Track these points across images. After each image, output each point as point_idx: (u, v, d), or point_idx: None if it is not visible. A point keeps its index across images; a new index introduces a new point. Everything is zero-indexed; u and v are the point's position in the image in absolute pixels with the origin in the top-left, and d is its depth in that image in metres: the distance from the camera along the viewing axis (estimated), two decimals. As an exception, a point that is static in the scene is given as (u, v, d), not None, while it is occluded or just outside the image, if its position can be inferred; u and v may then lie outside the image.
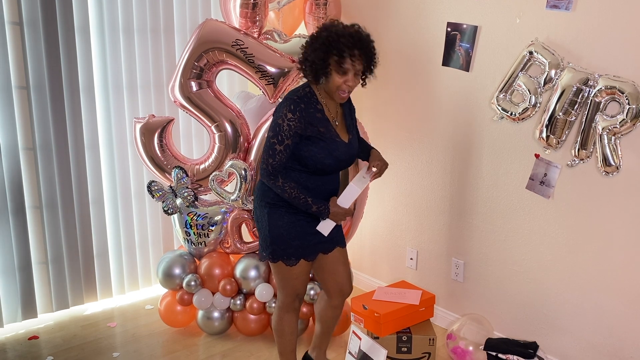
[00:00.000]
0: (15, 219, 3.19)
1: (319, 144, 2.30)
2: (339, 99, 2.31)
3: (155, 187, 3.10)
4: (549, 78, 2.61)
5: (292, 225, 2.39)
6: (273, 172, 2.30)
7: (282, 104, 2.29)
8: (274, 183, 2.31)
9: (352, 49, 2.21)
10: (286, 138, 2.25)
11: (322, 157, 2.31)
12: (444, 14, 3.04)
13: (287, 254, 2.41)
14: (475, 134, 3.02)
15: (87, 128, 3.36)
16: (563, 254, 2.75)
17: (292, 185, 2.31)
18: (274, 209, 2.39)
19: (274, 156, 2.28)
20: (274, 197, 2.38)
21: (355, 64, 2.24)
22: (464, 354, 2.90)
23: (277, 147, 2.26)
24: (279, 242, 2.40)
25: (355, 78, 2.28)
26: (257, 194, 2.47)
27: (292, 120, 2.24)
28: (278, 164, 2.28)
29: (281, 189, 2.31)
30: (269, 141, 2.28)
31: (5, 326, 3.26)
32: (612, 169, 2.48)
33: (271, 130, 2.28)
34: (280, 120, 2.25)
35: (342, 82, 2.25)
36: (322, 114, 2.32)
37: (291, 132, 2.25)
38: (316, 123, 2.29)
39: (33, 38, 3.09)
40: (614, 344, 2.63)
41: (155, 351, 3.10)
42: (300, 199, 2.31)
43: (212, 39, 2.91)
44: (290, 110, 2.25)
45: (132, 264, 3.67)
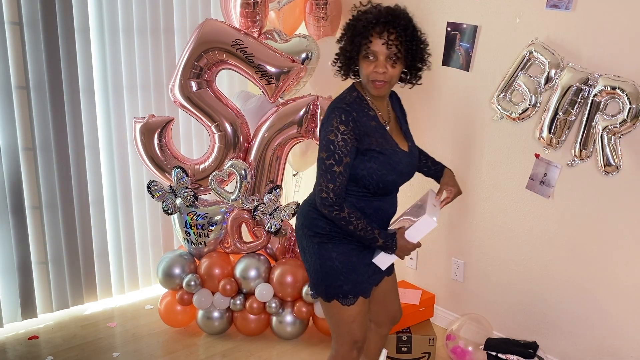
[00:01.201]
0: (15, 219, 3.19)
1: (378, 158, 1.94)
2: (374, 91, 1.94)
3: (155, 187, 3.10)
4: (549, 78, 2.61)
5: (347, 257, 2.03)
6: (336, 200, 1.91)
7: (329, 116, 1.92)
8: (337, 214, 1.92)
9: (377, 25, 1.86)
10: (344, 156, 1.88)
11: (384, 173, 1.96)
12: (444, 14, 3.03)
13: (343, 291, 2.03)
14: (475, 133, 3.02)
15: (87, 128, 3.36)
16: (563, 254, 2.75)
17: (358, 215, 1.93)
18: (325, 239, 2.04)
19: (334, 180, 1.89)
20: (324, 227, 2.03)
21: (384, 44, 1.86)
22: (463, 354, 2.90)
23: (336, 169, 1.89)
24: (334, 278, 2.03)
25: (389, 63, 1.89)
26: (303, 222, 2.11)
27: (346, 133, 1.88)
28: (340, 188, 1.91)
29: (346, 221, 1.93)
30: (324, 163, 1.89)
31: (5, 326, 3.26)
32: (612, 168, 2.48)
33: (323, 149, 1.90)
34: (332, 136, 1.88)
35: (371, 69, 1.89)
36: (376, 121, 1.97)
37: (348, 148, 1.89)
38: (372, 133, 1.94)
39: (33, 38, 3.09)
40: (614, 344, 2.63)
41: (155, 351, 3.10)
42: (367, 232, 1.94)
43: (212, 38, 2.91)
44: (342, 122, 1.88)
45: (132, 264, 3.67)
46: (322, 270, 2.05)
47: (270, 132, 3.04)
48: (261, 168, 3.07)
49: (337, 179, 1.90)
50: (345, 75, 2.02)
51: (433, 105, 3.20)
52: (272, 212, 3.07)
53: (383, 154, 1.95)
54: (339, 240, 2.04)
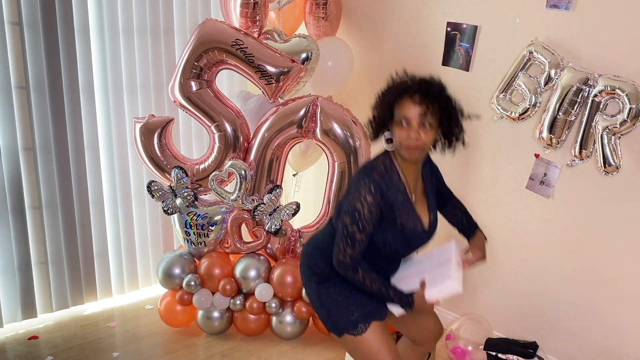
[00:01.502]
0: (15, 219, 3.19)
1: (396, 232, 2.01)
2: (407, 155, 1.97)
3: (155, 187, 3.10)
4: (548, 78, 2.61)
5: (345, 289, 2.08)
6: (352, 263, 1.98)
7: (360, 183, 1.96)
8: (352, 275, 1.99)
9: (413, 93, 1.93)
10: (367, 225, 1.95)
11: (397, 247, 2.05)
12: (444, 14, 3.03)
13: (350, 322, 2.05)
14: (475, 133, 3.02)
15: (87, 128, 3.36)
16: (563, 254, 2.75)
17: (372, 277, 1.99)
18: (323, 279, 2.12)
19: (353, 246, 1.96)
20: (324, 269, 2.11)
21: (418, 110, 1.91)
22: (463, 354, 2.90)
23: (358, 236, 1.95)
24: (337, 311, 2.07)
25: (423, 130, 1.93)
26: (304, 261, 2.20)
27: (372, 204, 1.94)
28: (357, 254, 1.98)
29: (361, 283, 2.00)
30: (347, 229, 1.96)
31: (5, 326, 3.25)
32: (612, 168, 2.48)
33: (348, 215, 1.95)
34: (359, 205, 1.94)
35: (404, 134, 1.93)
36: (403, 194, 2.01)
37: (372, 218, 1.95)
38: (397, 208, 1.99)
39: (33, 38, 3.09)
40: (614, 344, 2.63)
41: (155, 351, 3.10)
42: (383, 293, 2.00)
43: (212, 38, 2.91)
44: (370, 193, 1.94)
45: (132, 264, 3.67)
46: (324, 307, 2.10)
47: (270, 132, 3.04)
48: (261, 168, 3.07)
49: (357, 245, 1.97)
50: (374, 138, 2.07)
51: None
52: (272, 212, 3.07)
53: (403, 231, 2.01)
54: (336, 279, 2.08)
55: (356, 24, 3.51)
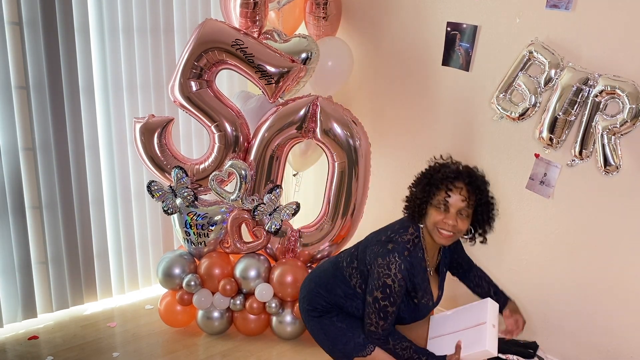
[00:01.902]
0: (15, 219, 3.19)
1: (409, 305, 2.15)
2: (438, 239, 2.08)
3: (155, 187, 3.10)
4: (548, 78, 2.61)
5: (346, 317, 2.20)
6: (384, 335, 2.09)
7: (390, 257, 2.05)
8: (383, 345, 2.10)
9: (454, 181, 2.01)
10: (397, 298, 2.06)
11: (405, 316, 2.18)
12: (444, 14, 3.03)
13: (358, 344, 2.15)
14: (475, 133, 3.02)
15: (87, 128, 3.36)
16: (563, 254, 2.75)
17: (404, 345, 2.09)
18: (323, 314, 2.23)
19: (385, 319, 2.07)
20: (325, 305, 2.23)
21: (458, 199, 2.00)
22: (464, 354, 2.90)
23: (390, 310, 2.06)
24: (342, 338, 2.18)
25: (460, 219, 2.02)
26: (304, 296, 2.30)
27: (402, 280, 2.04)
28: (389, 325, 2.08)
29: (392, 352, 2.10)
30: (378, 302, 2.05)
31: (5, 326, 3.25)
32: (612, 168, 2.48)
33: (379, 290, 2.04)
34: (390, 281, 2.03)
35: (440, 219, 2.03)
36: (424, 272, 2.13)
37: (401, 292, 2.06)
38: (418, 287, 2.11)
39: (33, 38, 3.09)
40: (614, 344, 2.63)
41: (155, 351, 3.10)
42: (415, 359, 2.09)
43: (212, 38, 2.91)
44: (400, 271, 2.03)
45: (132, 264, 3.67)
46: (329, 338, 2.20)
47: (270, 132, 3.04)
48: (261, 168, 3.07)
49: (389, 317, 2.07)
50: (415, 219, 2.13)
51: (433, 105, 3.20)
52: (272, 212, 3.07)
53: (416, 305, 2.14)
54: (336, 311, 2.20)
55: (356, 24, 3.51)
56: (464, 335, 2.10)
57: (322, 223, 3.12)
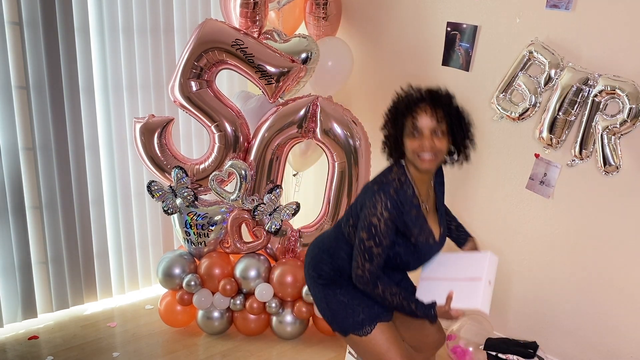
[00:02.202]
0: (15, 219, 3.19)
1: (408, 247, 2.03)
2: (422, 165, 1.98)
3: (155, 187, 3.10)
4: (548, 78, 2.61)
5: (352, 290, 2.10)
6: (371, 278, 1.99)
7: (376, 198, 1.96)
8: (372, 290, 2.01)
9: (418, 104, 1.95)
10: (384, 238, 1.96)
11: (408, 261, 2.06)
12: (444, 14, 3.03)
13: (356, 323, 2.08)
14: (475, 133, 3.02)
15: (87, 128, 3.36)
16: (563, 254, 2.75)
17: (393, 290, 2.00)
18: (328, 281, 2.14)
19: (371, 260, 1.98)
20: (329, 272, 2.14)
21: (429, 119, 1.94)
22: (463, 354, 2.90)
23: (375, 250, 1.97)
24: (343, 312, 2.11)
25: (436, 138, 1.95)
26: (309, 262, 2.22)
27: (388, 219, 1.94)
28: (376, 267, 1.99)
29: (381, 297, 2.01)
30: (364, 243, 1.97)
31: (5, 326, 3.26)
32: (612, 168, 2.48)
33: (365, 230, 1.97)
34: (375, 220, 1.94)
35: (417, 144, 1.95)
36: (417, 209, 2.02)
37: (388, 232, 1.96)
38: (411, 224, 2.00)
39: (33, 38, 3.09)
40: (614, 344, 2.63)
41: (155, 351, 3.10)
42: (404, 307, 2.00)
43: (212, 38, 2.91)
44: (386, 209, 1.94)
45: (132, 264, 3.67)
46: (330, 309, 2.13)
47: (270, 132, 3.04)
48: (261, 168, 3.07)
49: (375, 259, 1.98)
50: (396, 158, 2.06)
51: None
52: (272, 212, 3.07)
53: (414, 245, 2.03)
54: (342, 282, 2.11)
55: (356, 24, 3.51)
56: (457, 287, 2.01)
57: (322, 223, 3.12)
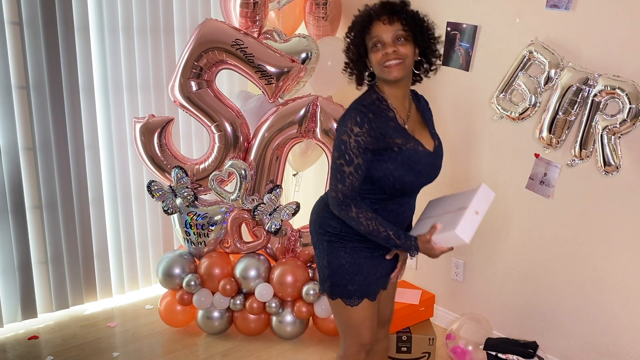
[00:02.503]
0: (15, 219, 3.19)
1: (395, 159, 1.89)
2: (389, 75, 1.86)
3: (155, 187, 3.10)
4: (548, 78, 2.61)
5: (355, 257, 2.01)
6: (344, 200, 1.88)
7: (345, 116, 1.89)
8: (345, 214, 1.90)
9: (373, 18, 1.85)
10: (355, 157, 1.84)
11: (401, 174, 1.90)
12: (444, 14, 3.03)
13: (347, 291, 2.02)
14: (475, 133, 3.02)
15: (87, 128, 3.36)
16: (563, 254, 2.75)
17: (368, 215, 1.89)
18: (334, 238, 2.02)
19: (343, 180, 1.86)
20: (335, 227, 2.01)
21: (388, 27, 1.83)
22: (463, 354, 2.90)
23: (346, 169, 1.85)
24: (339, 277, 2.02)
25: (399, 44, 1.84)
26: (315, 219, 2.10)
27: (359, 134, 1.83)
28: (349, 189, 1.87)
29: (355, 221, 1.89)
30: (335, 163, 1.87)
31: (5, 326, 3.26)
32: (612, 168, 2.48)
33: (336, 149, 1.88)
34: (345, 137, 1.84)
35: (380, 54, 1.84)
36: (395, 122, 1.91)
37: (360, 149, 1.84)
38: (390, 133, 1.88)
39: (33, 38, 3.09)
40: (614, 344, 2.63)
41: (155, 351, 3.10)
42: (381, 233, 1.90)
43: (212, 38, 2.91)
44: (356, 123, 1.84)
45: (132, 263, 3.67)
46: (329, 268, 2.04)
47: (270, 132, 3.04)
48: (261, 168, 3.07)
49: (347, 179, 1.86)
50: (360, 81, 1.98)
51: (433, 105, 3.18)
52: (272, 212, 3.07)
53: (401, 154, 1.89)
54: (349, 241, 2.00)
55: (356, 23, 3.51)
56: (443, 219, 1.91)
57: (322, 223, 3.12)
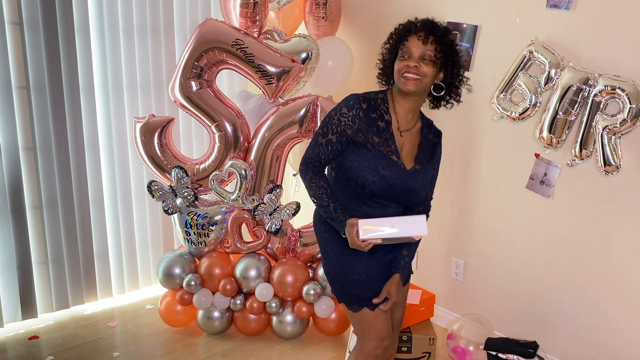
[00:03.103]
0: (15, 219, 3.19)
1: (364, 155, 1.91)
2: (404, 85, 1.91)
3: (155, 187, 3.10)
4: (549, 77, 2.61)
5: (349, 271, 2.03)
6: (306, 164, 2.00)
7: (345, 98, 1.97)
8: (303, 177, 2.01)
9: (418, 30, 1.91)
10: (331, 133, 1.91)
11: (365, 171, 1.92)
12: (444, 14, 3.03)
13: (348, 299, 2.07)
14: (475, 133, 3.02)
15: (87, 128, 3.36)
16: (563, 254, 2.75)
17: (320, 184, 1.97)
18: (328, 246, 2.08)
19: (313, 148, 1.97)
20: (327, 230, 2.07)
21: (421, 44, 1.89)
22: (464, 354, 2.90)
23: (319, 140, 1.95)
24: (338, 285, 2.09)
25: (423, 63, 1.89)
26: (314, 220, 2.18)
27: (344, 115, 1.91)
28: (314, 158, 1.97)
29: (309, 186, 1.99)
30: (314, 133, 2.00)
31: (5, 326, 3.25)
32: (612, 168, 2.48)
33: (320, 122, 2.05)
34: (333, 112, 1.94)
35: (403, 64, 1.90)
36: (387, 125, 1.95)
37: (339, 129, 1.91)
38: (373, 131, 1.92)
39: (33, 38, 3.09)
40: (614, 344, 2.63)
41: (155, 351, 3.10)
42: (324, 201, 1.96)
43: (212, 38, 2.91)
44: (347, 106, 1.92)
45: (132, 263, 3.67)
46: (329, 275, 2.13)
47: (270, 132, 3.04)
48: (261, 168, 3.07)
49: (316, 148, 1.96)
50: (387, 82, 2.04)
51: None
52: (272, 212, 3.07)
53: (372, 152, 1.91)
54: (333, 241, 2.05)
55: (356, 23, 3.51)
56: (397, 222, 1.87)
57: (322, 223, 3.12)
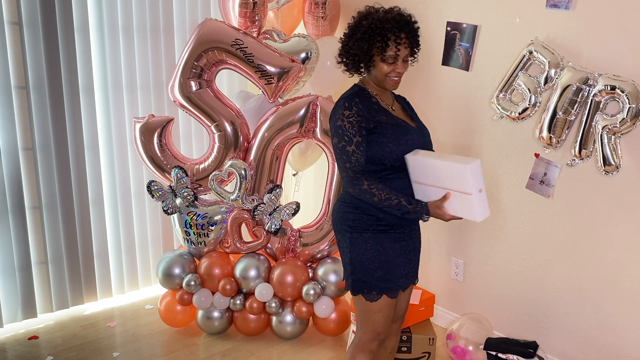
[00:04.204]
0: (15, 219, 3.19)
1: (386, 132, 2.06)
2: (390, 86, 2.12)
3: (155, 187, 3.10)
4: (548, 77, 2.61)
5: (376, 253, 2.11)
6: (355, 176, 2.04)
7: (335, 107, 2.10)
8: (359, 188, 2.04)
9: (399, 34, 2.04)
10: (353, 135, 2.02)
11: (394, 146, 2.06)
12: (444, 14, 3.03)
13: (368, 286, 2.12)
14: (475, 133, 3.02)
15: (87, 128, 3.37)
16: (563, 254, 2.75)
17: (379, 186, 2.04)
18: (356, 232, 2.12)
19: (349, 159, 2.03)
20: (355, 219, 2.12)
21: (402, 49, 2.06)
22: (463, 354, 2.90)
23: (349, 149, 2.03)
24: (361, 272, 2.13)
25: (404, 64, 2.10)
26: (335, 217, 2.21)
27: (351, 116, 2.03)
28: (356, 164, 2.04)
29: (369, 193, 2.03)
30: (338, 147, 2.05)
31: (5, 326, 3.26)
32: (612, 168, 2.48)
33: (335, 136, 2.06)
34: (339, 122, 2.04)
35: (390, 70, 2.07)
36: (379, 105, 2.12)
37: (355, 128, 2.03)
38: (376, 113, 2.08)
39: (32, 38, 3.09)
40: (614, 344, 2.63)
41: (155, 351, 3.10)
42: (393, 201, 2.02)
43: (212, 38, 2.91)
44: (346, 108, 2.05)
45: (132, 263, 3.67)
46: (352, 264, 2.14)
47: (270, 132, 3.04)
48: (261, 168, 3.07)
49: (352, 157, 2.03)
50: (356, 71, 2.15)
51: (433, 105, 3.20)
52: (272, 211, 3.07)
53: (389, 128, 2.07)
54: (365, 230, 2.11)
55: (356, 23, 3.51)
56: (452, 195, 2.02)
57: (322, 223, 3.12)
